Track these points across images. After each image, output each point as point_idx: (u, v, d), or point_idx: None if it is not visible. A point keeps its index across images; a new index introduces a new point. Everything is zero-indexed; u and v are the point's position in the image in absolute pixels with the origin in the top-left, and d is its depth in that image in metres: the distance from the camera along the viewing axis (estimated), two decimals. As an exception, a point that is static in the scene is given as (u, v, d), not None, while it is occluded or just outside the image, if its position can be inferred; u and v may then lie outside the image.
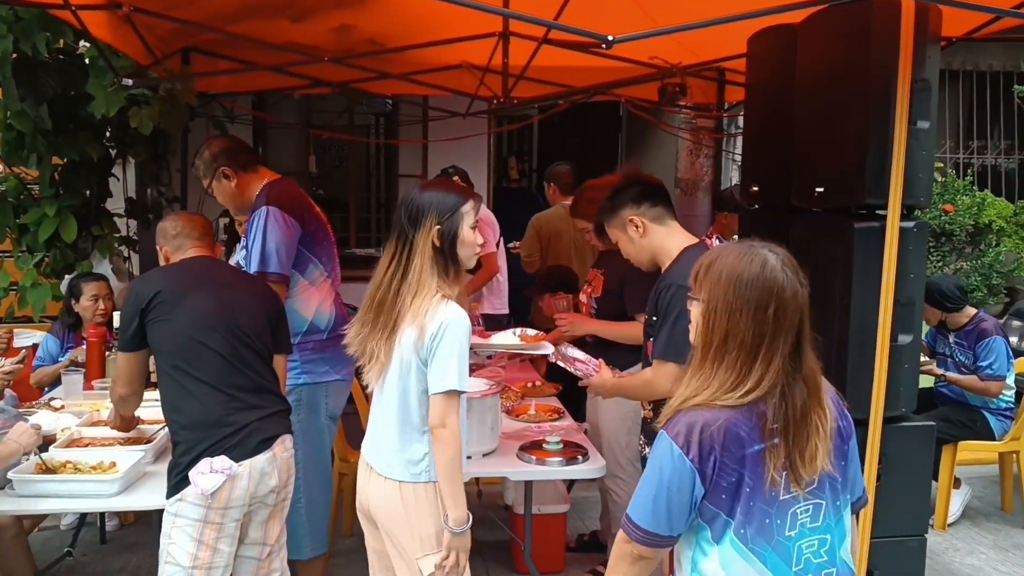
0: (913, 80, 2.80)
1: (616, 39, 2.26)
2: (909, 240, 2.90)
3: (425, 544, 2.39)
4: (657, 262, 2.84)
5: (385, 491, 2.43)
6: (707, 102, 5.29)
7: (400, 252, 2.40)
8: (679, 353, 2.60)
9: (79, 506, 2.87)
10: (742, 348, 1.73)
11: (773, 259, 1.80)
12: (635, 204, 2.81)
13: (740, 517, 1.73)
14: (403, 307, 2.36)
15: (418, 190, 2.47)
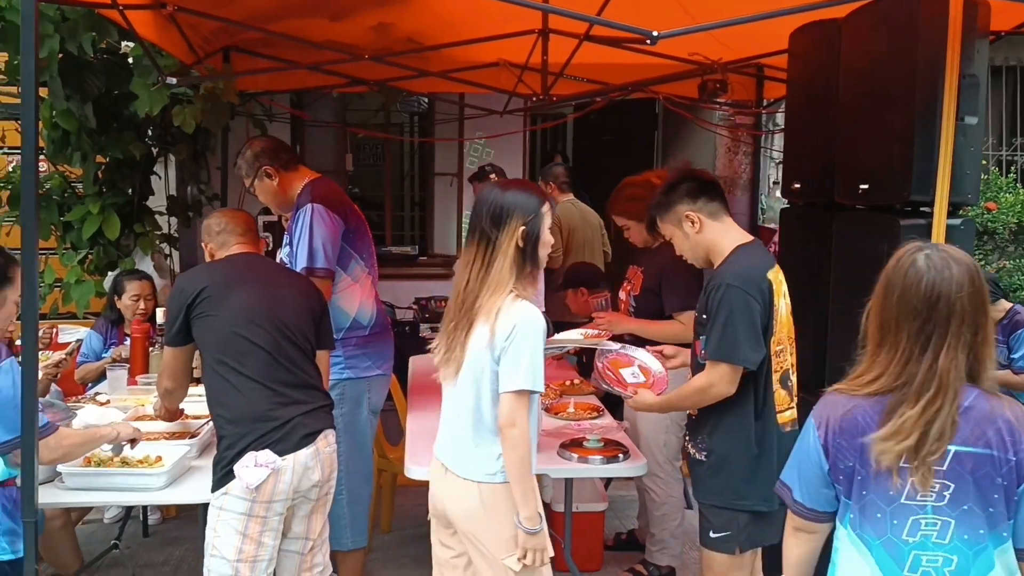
0: (961, 75, 2.76)
1: (660, 35, 2.25)
2: (956, 238, 2.84)
3: (508, 545, 2.36)
4: (712, 259, 2.78)
5: (464, 492, 2.40)
6: (746, 99, 5.24)
7: (483, 252, 2.38)
8: (731, 353, 2.59)
9: (126, 499, 2.91)
10: (872, 342, 1.84)
11: (922, 259, 1.81)
12: (692, 199, 2.74)
13: (853, 503, 1.82)
14: (480, 306, 2.36)
15: (499, 191, 2.44)
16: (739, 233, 2.79)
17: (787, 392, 2.72)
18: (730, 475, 2.68)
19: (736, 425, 2.67)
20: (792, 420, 2.75)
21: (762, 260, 2.71)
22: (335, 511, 3.37)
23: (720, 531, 2.69)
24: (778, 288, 2.67)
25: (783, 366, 2.69)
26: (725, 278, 2.63)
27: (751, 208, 6.19)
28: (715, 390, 2.63)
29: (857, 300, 2.95)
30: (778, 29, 3.58)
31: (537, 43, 4.03)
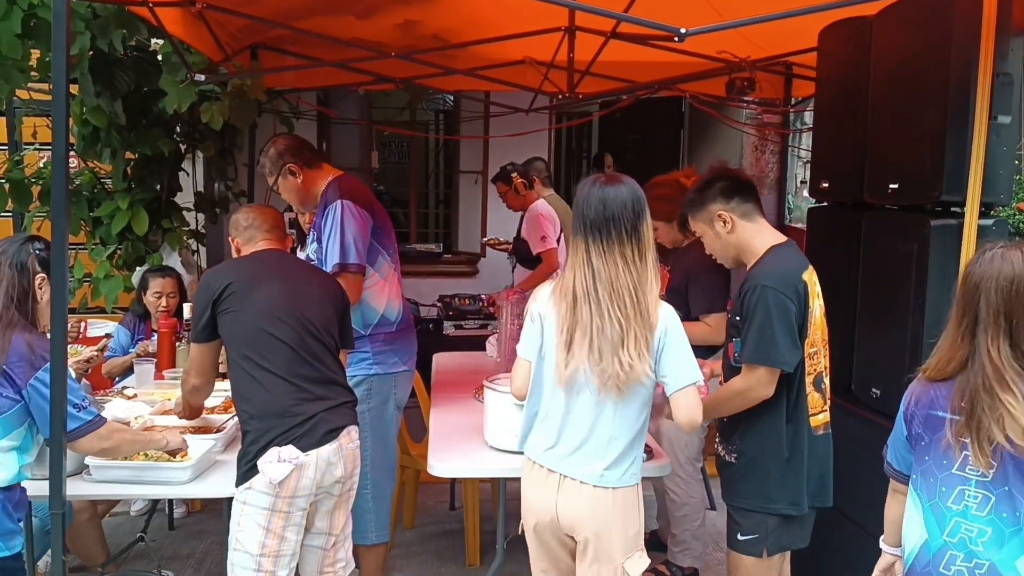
0: (995, 73, 2.71)
1: (689, 32, 2.24)
2: (987, 239, 2.80)
3: (629, 544, 2.41)
4: (743, 260, 2.74)
5: (594, 500, 2.37)
6: (774, 97, 5.20)
7: (632, 249, 2.33)
8: (769, 355, 2.54)
9: (152, 492, 2.93)
10: (947, 330, 1.99)
11: (991, 252, 1.95)
12: (725, 199, 2.68)
13: (916, 466, 2.05)
14: (636, 307, 2.31)
15: (622, 184, 2.37)
16: (773, 234, 2.73)
17: (820, 395, 2.68)
18: (760, 478, 2.65)
19: (767, 428, 2.64)
20: (825, 423, 2.71)
21: (797, 261, 2.67)
22: (360, 505, 3.39)
23: (748, 533, 2.66)
24: (813, 290, 2.63)
25: (817, 368, 2.66)
26: (761, 279, 2.59)
27: (778, 208, 6.14)
28: (753, 393, 2.58)
29: (885, 300, 2.94)
30: (807, 27, 3.55)
31: (563, 41, 4.01)
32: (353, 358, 3.41)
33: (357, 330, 3.40)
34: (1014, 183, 8.13)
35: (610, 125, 9.12)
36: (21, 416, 2.43)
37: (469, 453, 3.04)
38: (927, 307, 2.82)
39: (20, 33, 3.82)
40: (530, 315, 2.50)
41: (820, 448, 2.68)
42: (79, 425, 2.45)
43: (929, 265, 2.81)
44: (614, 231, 2.34)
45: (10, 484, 2.46)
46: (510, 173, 5.68)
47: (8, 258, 2.53)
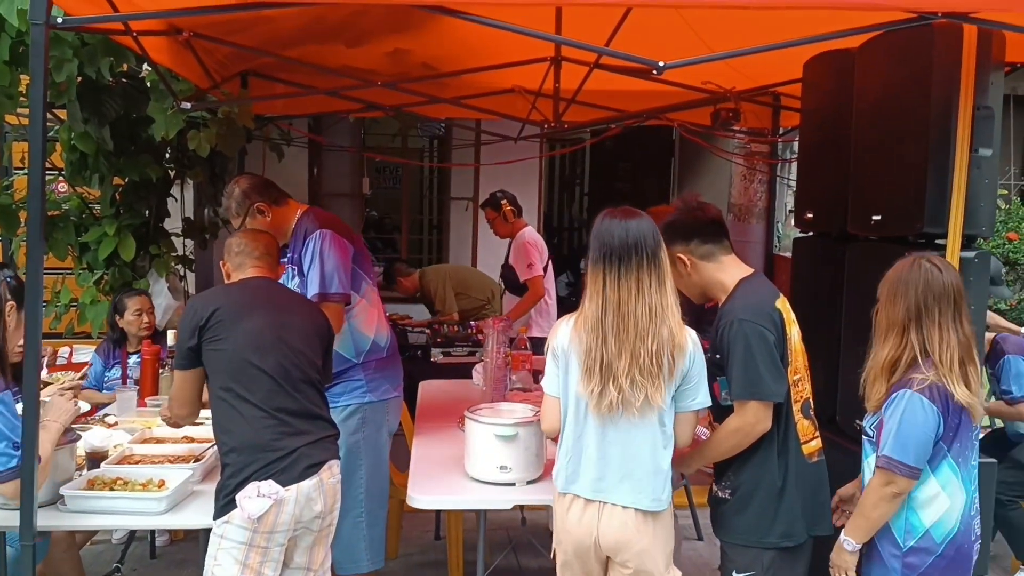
0: (975, 107, 2.74)
1: (667, 65, 2.25)
2: (970, 271, 2.82)
3: (669, 559, 2.53)
4: (709, 296, 2.72)
5: (638, 523, 2.46)
6: (761, 127, 5.23)
7: (651, 276, 2.42)
8: (757, 389, 2.49)
9: (128, 523, 2.89)
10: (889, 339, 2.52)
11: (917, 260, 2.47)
12: (684, 241, 2.66)
13: (950, 445, 2.42)
14: (661, 333, 2.39)
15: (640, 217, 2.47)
16: (739, 268, 2.70)
17: (810, 421, 2.65)
18: (754, 512, 2.59)
19: (760, 461, 2.59)
20: (819, 449, 2.67)
21: (767, 291, 2.65)
22: (353, 533, 3.37)
23: (744, 571, 2.59)
24: (788, 317, 2.61)
25: (803, 395, 2.63)
26: (736, 313, 2.55)
27: (767, 236, 6.15)
28: (751, 429, 2.53)
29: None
30: (792, 57, 3.57)
31: (550, 71, 4.03)
32: (347, 387, 3.39)
33: (349, 359, 3.38)
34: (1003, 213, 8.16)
35: (601, 154, 9.17)
36: None
37: (450, 485, 3.01)
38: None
39: (8, 60, 3.83)
40: (552, 352, 2.55)
41: (814, 475, 2.65)
42: (15, 466, 2.43)
43: (912, 297, 2.80)
44: (634, 259, 2.42)
45: None
46: (500, 200, 5.69)
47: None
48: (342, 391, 3.40)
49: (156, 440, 3.28)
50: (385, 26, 3.86)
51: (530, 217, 6.10)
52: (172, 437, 3.30)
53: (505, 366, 4.10)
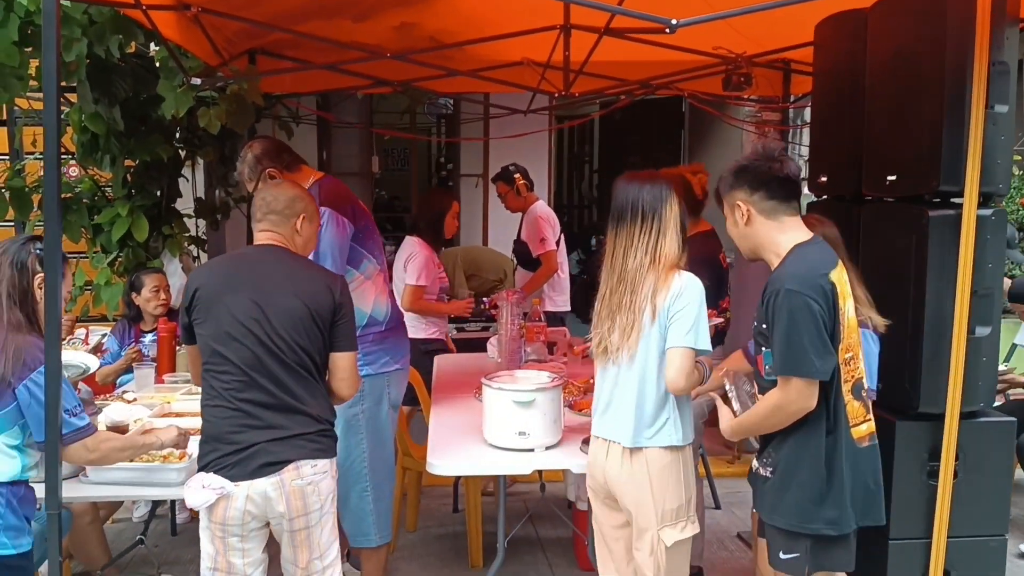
0: (991, 63, 2.71)
1: (680, 23, 2.23)
2: (987, 228, 2.80)
3: (668, 515, 2.58)
4: (760, 255, 2.58)
5: (621, 458, 2.61)
6: (773, 94, 5.19)
7: (647, 228, 2.59)
8: (800, 365, 2.36)
9: (148, 493, 2.91)
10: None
11: None
12: (749, 190, 2.52)
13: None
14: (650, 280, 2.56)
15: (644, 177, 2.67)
16: (799, 232, 2.53)
17: (861, 403, 2.48)
18: (797, 495, 2.44)
19: (805, 440, 2.44)
20: (870, 433, 2.50)
21: (822, 259, 2.45)
22: (361, 508, 3.38)
23: (789, 552, 2.48)
24: (843, 289, 2.43)
25: (854, 375, 2.45)
26: (782, 282, 2.41)
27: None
28: (793, 407, 2.40)
29: (884, 292, 2.92)
30: (803, 21, 3.54)
31: (559, 40, 4.01)
32: None
33: None
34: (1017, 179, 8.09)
35: (610, 126, 9.13)
36: (15, 415, 2.43)
37: (469, 452, 3.03)
38: (927, 299, 2.81)
39: (17, 41, 3.83)
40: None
41: (865, 461, 2.48)
42: (68, 431, 2.43)
43: (928, 256, 2.80)
44: (628, 216, 2.61)
45: (14, 480, 2.45)
46: (513, 174, 5.67)
47: (9, 257, 2.53)
48: None
49: (175, 415, 3.31)
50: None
51: (540, 194, 6.09)
52: (191, 412, 3.33)
53: (520, 338, 4.11)
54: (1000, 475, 2.94)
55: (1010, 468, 2.99)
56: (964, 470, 2.85)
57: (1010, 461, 2.99)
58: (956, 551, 2.82)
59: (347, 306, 2.65)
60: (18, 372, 2.40)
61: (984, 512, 2.91)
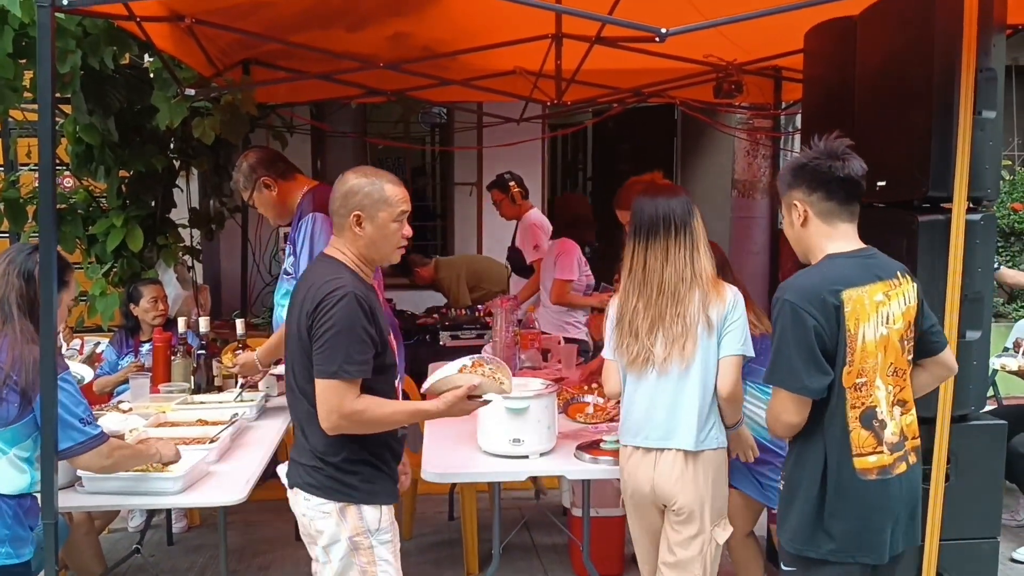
0: (978, 69, 2.74)
1: (669, 31, 2.25)
2: (976, 233, 2.82)
3: (716, 513, 2.71)
4: (810, 261, 2.43)
5: (680, 464, 2.66)
6: (764, 101, 5.22)
7: (682, 241, 2.68)
8: (784, 378, 2.28)
9: (144, 503, 2.92)
10: None
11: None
12: (807, 190, 2.36)
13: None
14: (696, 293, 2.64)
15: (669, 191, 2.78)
16: (846, 241, 2.37)
17: (871, 433, 2.28)
18: (797, 515, 2.35)
19: (802, 459, 2.35)
20: (880, 467, 2.29)
21: (841, 273, 2.29)
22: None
23: (788, 566, 2.42)
24: (858, 310, 2.25)
25: (865, 402, 2.28)
26: (784, 291, 2.32)
27: (771, 212, 6.15)
28: (782, 418, 2.33)
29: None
30: (793, 29, 3.58)
31: (551, 48, 4.04)
32: None
33: None
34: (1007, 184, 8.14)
35: (603, 134, 9.15)
36: (31, 427, 2.43)
37: (464, 459, 3.04)
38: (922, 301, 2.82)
39: (12, 53, 3.84)
40: (608, 321, 2.81)
41: (867, 494, 2.28)
42: (84, 439, 2.44)
43: (918, 261, 2.82)
44: (662, 230, 2.68)
45: (23, 492, 2.46)
46: (507, 181, 5.69)
47: (15, 267, 2.52)
48: None
49: (171, 424, 3.31)
50: (385, 9, 3.88)
51: (534, 203, 6.12)
52: (186, 421, 3.34)
53: (514, 344, 4.13)
54: (991, 478, 2.96)
55: (1001, 471, 3.01)
56: (956, 473, 2.87)
57: (1001, 464, 3.00)
58: (949, 554, 2.84)
59: (325, 322, 2.26)
60: (38, 384, 2.39)
61: (976, 515, 2.93)
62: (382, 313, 2.40)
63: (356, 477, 2.35)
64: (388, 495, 2.43)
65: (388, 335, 2.42)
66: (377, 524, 2.37)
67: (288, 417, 3.58)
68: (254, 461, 2.99)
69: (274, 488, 4.05)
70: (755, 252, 6.30)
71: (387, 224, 2.38)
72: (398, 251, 2.46)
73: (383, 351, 2.37)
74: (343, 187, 2.39)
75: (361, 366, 2.27)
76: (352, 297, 2.27)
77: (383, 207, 2.37)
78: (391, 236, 2.41)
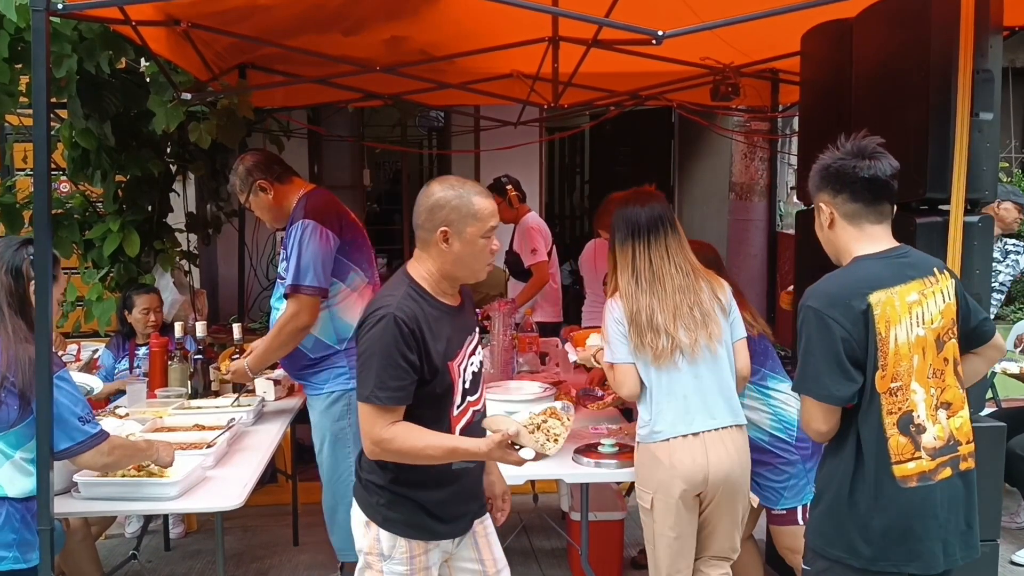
0: (975, 70, 2.74)
1: (666, 34, 2.25)
2: (974, 235, 2.82)
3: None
4: (841, 263, 2.38)
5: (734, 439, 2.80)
6: (761, 104, 5.22)
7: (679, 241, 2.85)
8: (811, 386, 2.24)
9: (141, 508, 2.91)
10: None
11: None
12: (832, 191, 2.32)
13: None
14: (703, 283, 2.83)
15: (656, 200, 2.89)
16: (877, 242, 2.30)
17: (909, 439, 2.20)
18: (823, 517, 2.32)
19: (833, 465, 2.31)
20: (920, 473, 2.20)
21: (869, 276, 2.24)
22: (346, 523, 3.36)
23: (808, 565, 2.39)
24: (889, 313, 2.19)
25: (902, 407, 2.20)
26: (808, 298, 2.26)
27: (769, 214, 6.15)
28: (812, 426, 2.29)
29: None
30: (789, 31, 3.58)
31: (548, 51, 4.03)
32: (331, 373, 3.40)
33: (331, 345, 3.39)
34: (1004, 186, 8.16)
35: (600, 138, 9.16)
36: (33, 428, 2.40)
37: (461, 463, 3.02)
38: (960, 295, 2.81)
39: (7, 57, 3.83)
40: (615, 325, 2.82)
41: (906, 501, 2.20)
42: (84, 439, 2.43)
43: (916, 262, 2.81)
44: (660, 231, 2.82)
45: (29, 495, 2.44)
46: (504, 185, 5.69)
47: (3, 263, 2.48)
48: (326, 378, 3.41)
49: (168, 429, 3.30)
50: (382, 13, 3.87)
51: (532, 206, 6.12)
52: (183, 426, 3.33)
53: (512, 348, 4.12)
54: (991, 480, 2.95)
55: (1001, 473, 3.01)
56: (955, 475, 2.86)
57: (1001, 466, 3.00)
58: (948, 556, 2.82)
59: (362, 343, 2.23)
60: (32, 384, 2.37)
61: (976, 517, 2.92)
62: (444, 337, 2.24)
63: (378, 499, 2.31)
64: (411, 527, 2.30)
65: (451, 360, 2.26)
66: (391, 552, 2.30)
67: (285, 421, 3.61)
68: (251, 466, 2.99)
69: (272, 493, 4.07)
70: (753, 254, 6.31)
71: (475, 240, 2.23)
72: (487, 267, 2.33)
73: (432, 378, 2.22)
74: (428, 200, 2.25)
75: (395, 392, 2.16)
76: (391, 320, 2.15)
77: (471, 222, 2.22)
78: (480, 252, 2.25)
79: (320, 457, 3.48)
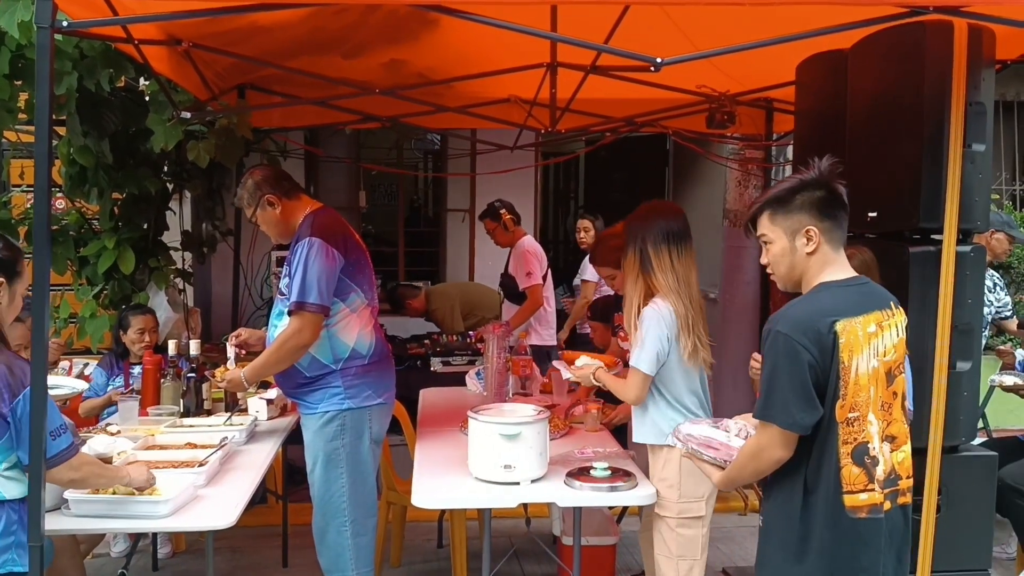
0: (968, 102, 2.78)
1: (665, 61, 2.28)
2: (966, 265, 2.85)
3: None
4: (801, 289, 2.33)
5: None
6: (756, 132, 5.26)
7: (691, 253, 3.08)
8: (777, 413, 2.20)
9: (132, 526, 2.89)
10: None
11: None
12: (819, 216, 2.26)
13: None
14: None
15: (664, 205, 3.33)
16: (839, 269, 2.30)
17: (863, 470, 2.21)
18: (775, 552, 2.30)
19: (784, 496, 2.28)
20: (871, 504, 2.21)
21: (835, 303, 2.22)
22: (339, 543, 3.36)
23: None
24: (852, 342, 2.17)
25: (857, 437, 2.20)
26: (777, 322, 2.22)
27: (762, 242, 6.16)
28: (767, 454, 2.24)
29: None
30: (785, 60, 3.62)
31: (546, 77, 4.07)
32: (325, 393, 3.39)
33: (327, 364, 3.38)
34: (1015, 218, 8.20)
35: (595, 164, 9.21)
36: (11, 441, 2.36)
37: (454, 485, 3.01)
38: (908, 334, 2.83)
39: (7, 74, 3.85)
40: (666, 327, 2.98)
41: (858, 532, 2.20)
42: (53, 454, 2.38)
43: (909, 292, 2.84)
44: (690, 241, 3.06)
45: (24, 497, 2.40)
46: (498, 210, 5.72)
47: None
48: (321, 397, 3.40)
49: (160, 447, 3.29)
50: (381, 37, 3.90)
51: (527, 230, 6.15)
52: (175, 444, 3.32)
53: (506, 371, 4.12)
54: (982, 510, 2.96)
55: (992, 503, 3.01)
56: (947, 505, 2.87)
57: (992, 496, 3.00)
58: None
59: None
60: (7, 396, 2.33)
61: (967, 547, 2.92)
62: None
63: None
64: None
65: None
66: None
67: (277, 441, 3.60)
68: (243, 485, 2.98)
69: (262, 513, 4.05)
70: (747, 282, 6.33)
71: None
72: None
73: None
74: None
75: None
76: None
77: None
78: None
79: (312, 477, 3.46)
